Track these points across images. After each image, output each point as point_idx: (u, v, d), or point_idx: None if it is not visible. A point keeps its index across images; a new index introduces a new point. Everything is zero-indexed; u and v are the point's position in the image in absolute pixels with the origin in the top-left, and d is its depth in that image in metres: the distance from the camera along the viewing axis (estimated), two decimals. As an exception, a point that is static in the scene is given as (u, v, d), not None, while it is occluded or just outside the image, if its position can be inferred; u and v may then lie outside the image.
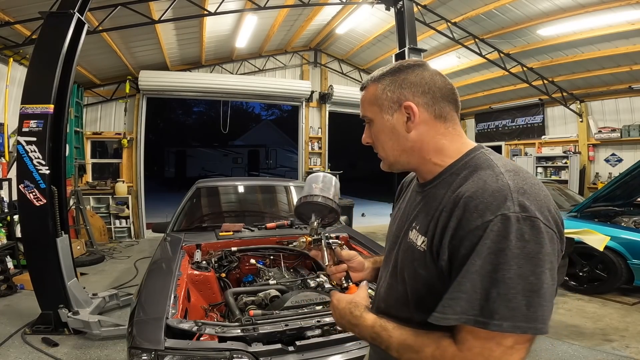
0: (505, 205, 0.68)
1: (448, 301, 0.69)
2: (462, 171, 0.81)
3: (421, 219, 0.85)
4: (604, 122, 7.80)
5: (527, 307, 0.64)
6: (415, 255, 0.83)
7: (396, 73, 0.88)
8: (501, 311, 0.64)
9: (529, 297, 0.64)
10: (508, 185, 0.71)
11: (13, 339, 3.30)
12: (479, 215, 0.69)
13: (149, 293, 2.03)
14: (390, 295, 0.93)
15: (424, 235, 0.81)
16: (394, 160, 0.91)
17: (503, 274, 0.65)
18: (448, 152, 0.86)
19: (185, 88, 8.29)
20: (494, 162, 0.78)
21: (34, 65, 3.50)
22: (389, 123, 0.88)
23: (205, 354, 1.53)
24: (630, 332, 3.49)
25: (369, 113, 0.91)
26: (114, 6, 4.88)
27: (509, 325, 0.64)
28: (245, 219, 3.70)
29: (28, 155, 3.36)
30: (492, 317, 0.64)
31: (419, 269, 0.81)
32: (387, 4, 5.48)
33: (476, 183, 0.74)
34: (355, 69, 10.25)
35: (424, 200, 0.88)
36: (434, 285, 0.77)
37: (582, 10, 5.68)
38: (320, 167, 9.82)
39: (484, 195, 0.71)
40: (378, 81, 0.90)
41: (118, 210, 7.85)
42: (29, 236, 3.52)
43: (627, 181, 4.54)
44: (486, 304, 0.65)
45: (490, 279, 0.65)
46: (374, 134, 0.92)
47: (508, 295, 0.64)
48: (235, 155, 25.94)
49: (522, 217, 0.67)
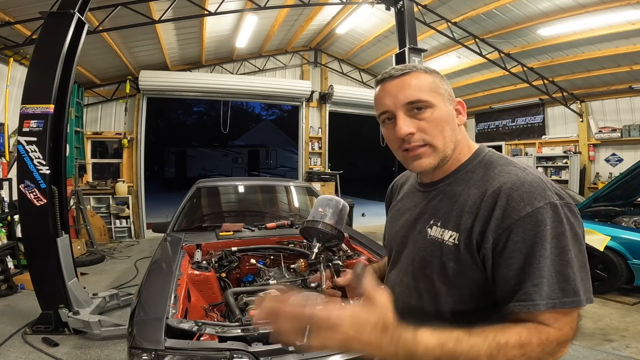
0: (546, 194, 0.74)
1: (532, 288, 0.71)
2: (479, 169, 0.85)
3: (442, 215, 0.86)
4: (604, 122, 7.80)
5: (585, 281, 0.73)
6: (443, 250, 0.83)
7: (437, 74, 0.90)
8: (581, 288, 0.71)
9: (583, 272, 0.73)
10: (539, 177, 0.77)
11: (13, 338, 3.31)
12: (526, 203, 0.73)
13: (149, 293, 2.03)
14: (411, 294, 0.92)
15: (455, 230, 0.82)
16: (449, 152, 0.86)
17: (570, 255, 0.71)
18: (467, 149, 0.91)
19: (185, 88, 8.29)
20: (511, 159, 0.85)
21: (34, 65, 3.51)
22: (452, 112, 0.88)
23: (205, 354, 1.53)
24: (630, 332, 3.49)
25: (430, 97, 0.84)
26: (114, 6, 4.88)
27: (587, 299, 0.72)
28: (245, 219, 3.69)
29: (28, 155, 3.36)
30: (578, 295, 0.71)
31: (449, 262, 0.82)
32: (387, 4, 5.48)
33: (507, 176, 0.78)
34: (355, 69, 10.25)
35: (439, 197, 0.90)
36: (470, 277, 0.80)
37: (582, 10, 5.68)
38: (320, 167, 9.82)
39: (525, 186, 0.75)
40: (430, 74, 0.88)
41: (118, 210, 7.85)
42: (29, 236, 3.52)
43: (627, 181, 4.54)
44: (567, 285, 0.70)
45: (562, 261, 0.71)
46: (433, 121, 0.84)
47: (580, 273, 0.72)
48: (236, 155, 25.95)
49: (561, 203, 0.74)
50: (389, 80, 0.87)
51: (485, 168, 0.84)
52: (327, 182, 9.28)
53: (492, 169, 0.83)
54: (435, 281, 0.85)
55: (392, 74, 0.87)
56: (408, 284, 0.93)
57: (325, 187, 9.12)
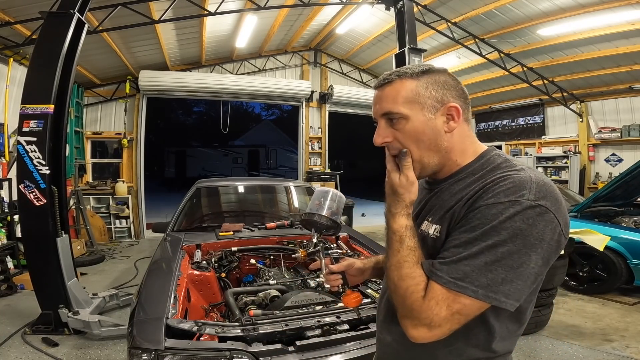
0: (521, 193, 0.74)
1: (441, 259, 0.78)
2: (480, 170, 0.86)
3: (435, 211, 0.90)
4: (604, 122, 7.80)
5: (507, 283, 0.72)
6: (427, 243, 0.88)
7: (434, 74, 0.89)
8: (482, 282, 0.73)
9: (513, 272, 0.72)
10: (530, 177, 0.77)
11: (13, 339, 3.30)
12: (493, 196, 0.76)
13: (149, 293, 2.03)
14: None
15: (438, 224, 0.86)
16: (427, 162, 0.89)
17: (497, 251, 0.72)
18: (468, 153, 0.91)
19: (185, 88, 8.29)
20: (513, 162, 0.85)
21: (34, 65, 3.50)
22: (431, 123, 0.86)
23: (205, 354, 1.53)
24: (630, 332, 3.49)
25: (405, 109, 0.85)
26: (114, 6, 4.88)
27: (487, 296, 0.73)
28: (245, 219, 3.70)
29: (28, 155, 3.36)
30: (472, 285, 0.73)
31: (428, 256, 0.86)
32: (387, 4, 5.48)
33: (499, 176, 0.80)
34: (355, 69, 10.25)
35: (436, 195, 0.93)
36: None
37: (582, 10, 5.68)
38: (320, 167, 9.82)
39: (505, 183, 0.77)
40: (417, 78, 0.87)
41: (118, 210, 7.85)
42: (29, 236, 3.52)
43: (627, 181, 4.54)
44: (470, 271, 0.73)
45: (484, 252, 0.73)
46: (406, 132, 0.87)
47: (499, 270, 0.72)
48: (235, 155, 25.94)
49: (533, 204, 0.73)
50: (375, 89, 0.93)
51: (485, 170, 0.85)
52: (326, 182, 9.29)
53: (492, 172, 0.83)
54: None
55: (376, 84, 0.92)
56: None
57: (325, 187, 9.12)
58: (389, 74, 0.90)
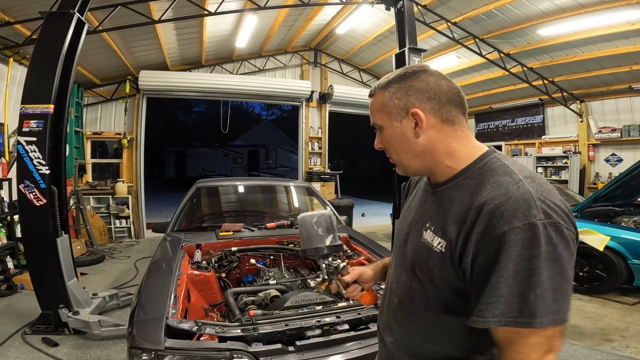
0: (531, 213, 0.72)
1: (486, 305, 0.73)
2: (477, 176, 0.84)
3: (436, 220, 0.88)
4: (604, 122, 7.80)
5: (555, 302, 0.71)
6: (431, 256, 0.86)
7: (402, 80, 0.90)
8: (539, 310, 0.70)
9: (557, 294, 0.71)
10: (530, 192, 0.75)
11: (13, 339, 3.30)
12: (505, 222, 0.72)
13: (149, 293, 2.03)
14: (405, 291, 0.97)
15: (442, 238, 0.84)
16: (407, 165, 0.94)
17: (538, 277, 0.70)
18: (460, 155, 0.88)
19: (185, 88, 8.29)
20: (511, 169, 0.81)
21: (34, 65, 3.50)
22: (399, 129, 0.91)
23: (205, 354, 1.53)
24: (630, 332, 3.49)
25: (379, 120, 0.94)
26: (114, 6, 4.88)
27: (548, 321, 0.70)
28: (245, 219, 3.70)
29: (28, 155, 3.36)
30: (534, 316, 0.70)
31: (434, 268, 0.85)
32: (387, 4, 5.47)
33: (497, 190, 0.77)
34: (355, 69, 10.25)
35: (437, 202, 0.91)
36: (453, 283, 0.83)
37: (582, 10, 5.68)
38: (320, 167, 9.82)
39: (509, 202, 0.74)
40: (385, 89, 0.92)
41: (118, 210, 7.85)
42: (29, 236, 3.52)
43: (627, 181, 4.54)
44: (525, 306, 0.70)
45: (526, 283, 0.70)
46: (386, 140, 0.95)
47: (544, 295, 0.70)
48: (235, 155, 25.92)
49: (547, 223, 0.71)
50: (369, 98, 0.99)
51: (482, 176, 0.83)
52: (326, 182, 9.28)
53: (488, 178, 0.81)
54: (423, 282, 0.90)
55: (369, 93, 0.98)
56: (405, 281, 0.97)
57: (325, 187, 9.12)
58: (373, 85, 0.97)
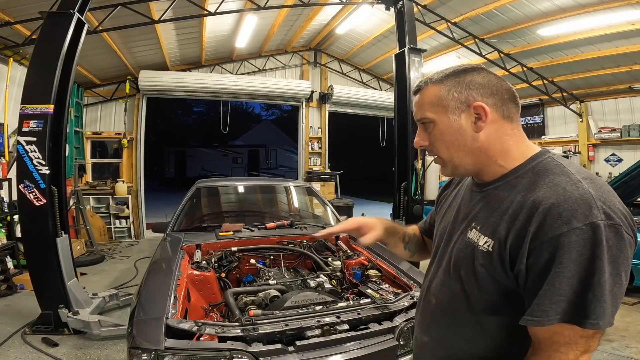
0: (592, 213, 0.71)
1: (549, 305, 0.73)
2: (530, 175, 0.82)
3: (482, 219, 0.87)
4: (604, 122, 7.81)
5: (610, 305, 0.71)
6: (476, 255, 0.85)
7: (461, 74, 0.89)
8: (596, 311, 0.70)
9: (613, 296, 0.71)
10: (590, 193, 0.73)
11: (13, 339, 3.31)
12: (564, 222, 0.71)
13: (149, 293, 2.03)
14: (444, 292, 0.95)
15: (490, 237, 0.83)
16: (459, 163, 0.90)
17: (598, 278, 0.70)
18: (513, 154, 0.87)
19: (185, 88, 8.29)
20: (568, 169, 0.79)
21: (34, 65, 3.50)
22: (456, 124, 0.87)
23: (205, 354, 1.53)
24: (630, 332, 3.49)
25: (431, 114, 0.90)
26: (114, 6, 4.87)
27: (603, 323, 0.71)
28: (245, 219, 3.70)
29: (28, 155, 3.36)
30: (589, 317, 0.70)
31: (479, 267, 0.84)
32: (387, 4, 5.47)
33: (554, 190, 0.76)
34: (355, 69, 10.25)
35: (484, 201, 0.90)
36: (500, 283, 0.82)
37: (582, 10, 5.68)
38: (320, 167, 9.82)
39: (568, 203, 0.72)
40: (441, 82, 0.89)
41: (118, 210, 7.85)
42: (29, 236, 3.52)
43: (627, 181, 4.54)
44: (584, 306, 0.71)
45: (587, 283, 0.70)
46: (436, 136, 0.91)
47: (602, 297, 0.70)
48: (235, 155, 25.94)
49: (608, 224, 0.70)
50: (413, 96, 0.96)
51: (535, 175, 0.81)
52: (326, 182, 9.28)
53: (543, 178, 0.79)
54: (466, 283, 0.88)
55: (412, 92, 0.97)
56: (444, 281, 0.96)
57: (325, 187, 9.12)
58: (421, 81, 0.94)
